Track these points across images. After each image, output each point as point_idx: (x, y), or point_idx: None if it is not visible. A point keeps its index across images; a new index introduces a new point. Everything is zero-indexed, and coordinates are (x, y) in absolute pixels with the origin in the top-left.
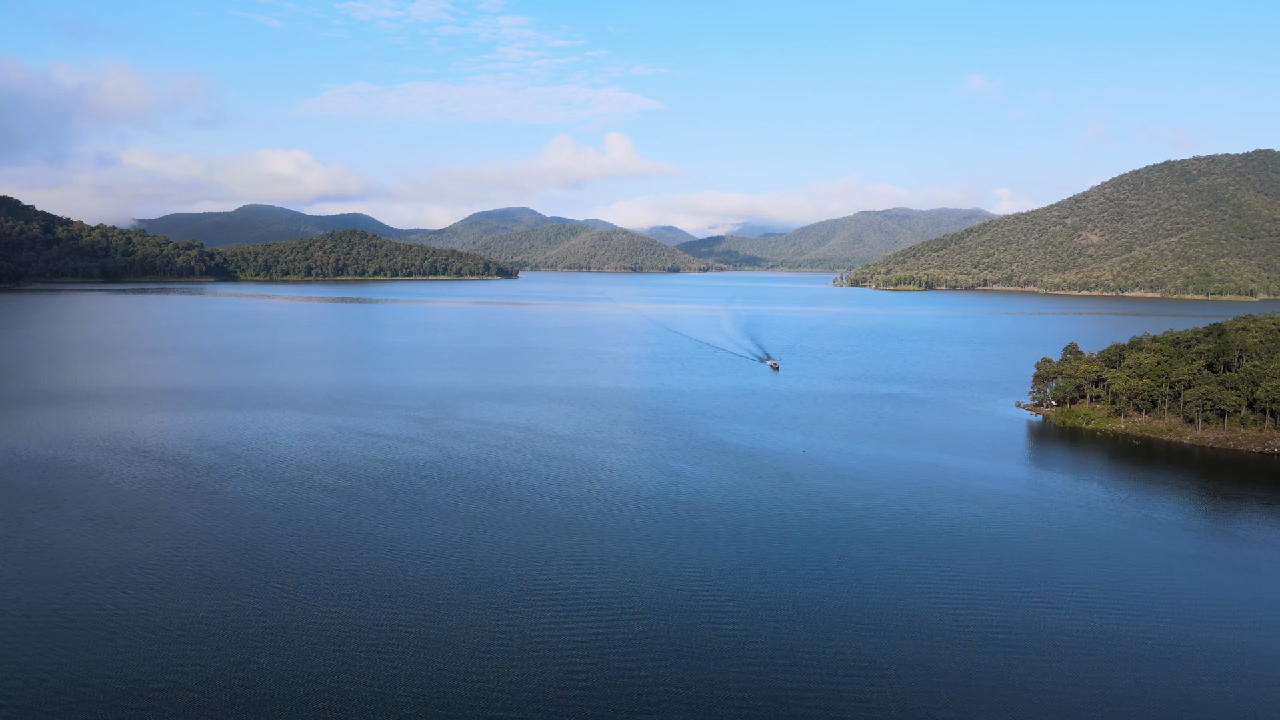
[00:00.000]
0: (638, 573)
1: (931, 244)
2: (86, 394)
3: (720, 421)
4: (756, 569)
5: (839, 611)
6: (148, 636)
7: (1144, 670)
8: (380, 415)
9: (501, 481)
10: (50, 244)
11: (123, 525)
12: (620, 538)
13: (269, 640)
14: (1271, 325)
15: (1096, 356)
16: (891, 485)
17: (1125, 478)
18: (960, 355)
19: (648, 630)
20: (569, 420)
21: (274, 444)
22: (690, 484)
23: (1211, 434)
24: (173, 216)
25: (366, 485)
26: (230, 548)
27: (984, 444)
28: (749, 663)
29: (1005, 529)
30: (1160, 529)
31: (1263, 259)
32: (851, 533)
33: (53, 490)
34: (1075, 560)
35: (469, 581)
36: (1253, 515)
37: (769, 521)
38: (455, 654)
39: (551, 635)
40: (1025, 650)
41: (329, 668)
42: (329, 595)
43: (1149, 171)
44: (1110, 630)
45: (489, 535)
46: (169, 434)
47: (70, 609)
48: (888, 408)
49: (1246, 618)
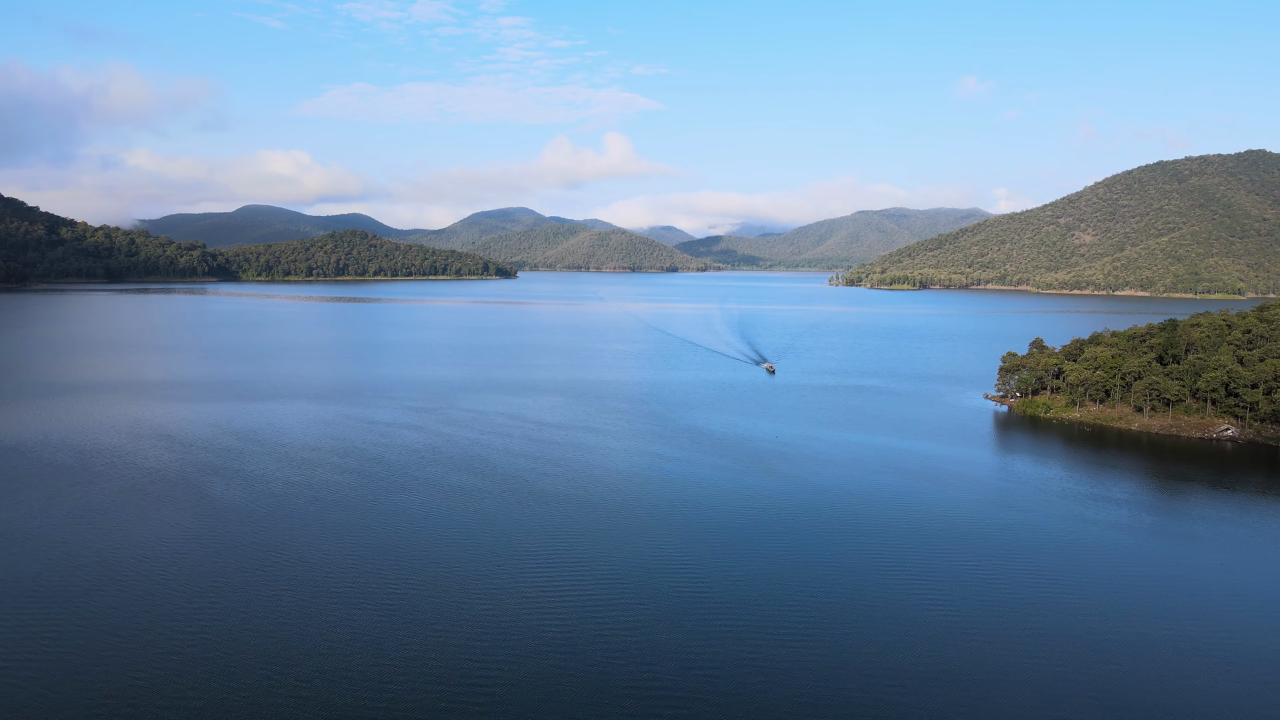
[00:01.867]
0: (616, 539)
1: (926, 244)
2: (108, 386)
3: (698, 411)
4: (724, 539)
5: (797, 578)
6: (187, 588)
7: (1093, 626)
8: (384, 405)
9: (493, 460)
10: (55, 245)
11: (154, 497)
12: (598, 509)
13: (289, 591)
14: (1220, 321)
15: (1059, 351)
16: (855, 465)
17: (1074, 460)
18: (937, 351)
19: (621, 585)
20: (558, 409)
21: (286, 429)
22: (666, 464)
23: (1157, 421)
24: (173, 217)
25: (371, 464)
26: (252, 514)
27: (947, 431)
28: (709, 624)
29: (958, 505)
30: (1104, 504)
31: (1251, 258)
32: (813, 507)
33: (89, 467)
34: (1024, 531)
35: (463, 544)
36: (1191, 493)
37: (737, 496)
38: (453, 603)
39: (539, 592)
40: (987, 611)
41: (337, 613)
42: (338, 554)
43: (1141, 171)
44: (1062, 593)
45: (481, 505)
46: (190, 421)
47: (115, 565)
48: (859, 399)
49: (1186, 578)
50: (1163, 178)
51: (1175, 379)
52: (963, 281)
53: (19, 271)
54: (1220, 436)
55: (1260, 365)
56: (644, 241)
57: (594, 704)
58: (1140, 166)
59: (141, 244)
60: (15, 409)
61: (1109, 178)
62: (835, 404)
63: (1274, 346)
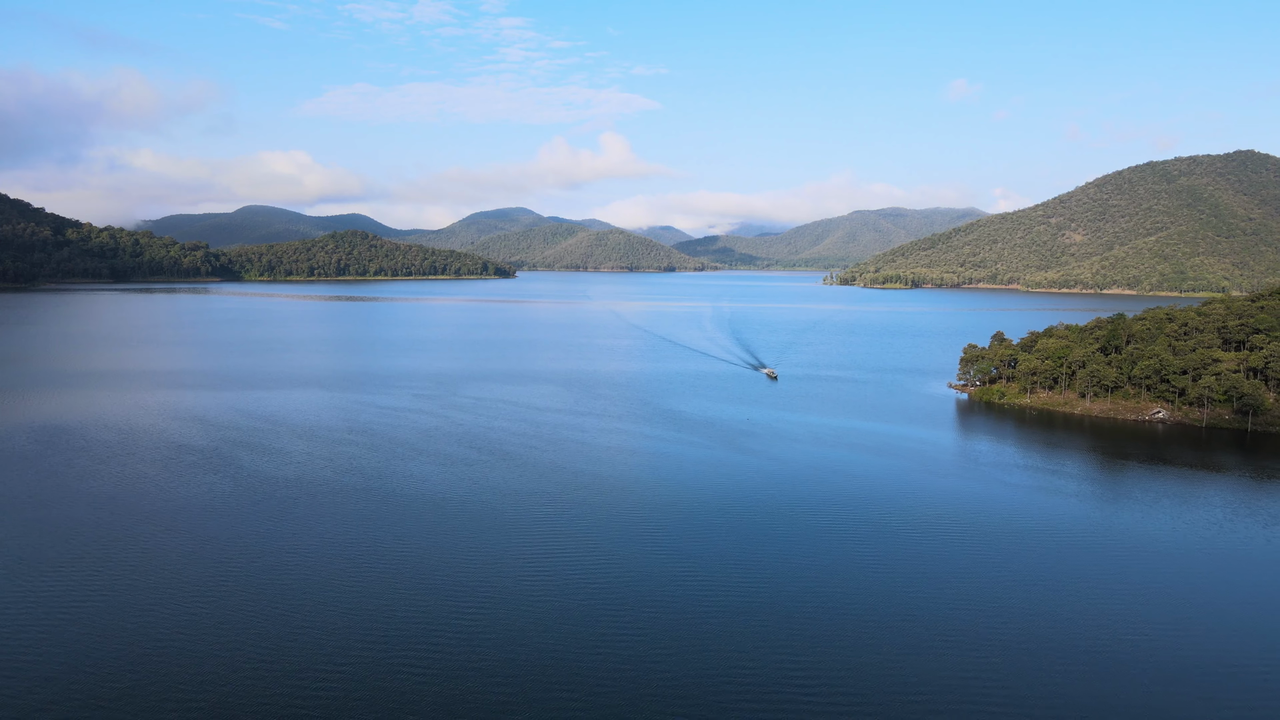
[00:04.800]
0: (598, 500)
1: (920, 243)
2: (134, 376)
3: (677, 398)
4: (694, 505)
5: (757, 537)
6: (229, 533)
7: (1028, 574)
8: (391, 392)
9: (491, 438)
10: (61, 245)
11: (191, 465)
12: (579, 478)
13: (309, 544)
14: (1162, 315)
15: (1016, 343)
16: (818, 443)
17: (1024, 440)
18: (912, 346)
19: (601, 538)
20: (548, 396)
21: (302, 411)
22: (644, 441)
23: (1097, 406)
24: (174, 217)
25: (381, 440)
26: (279, 480)
27: (907, 414)
28: (676, 573)
29: (910, 474)
30: (1039, 473)
31: (1236, 257)
32: (773, 476)
33: (129, 442)
34: (968, 497)
35: (463, 506)
36: (1129, 469)
37: (710, 468)
38: (455, 552)
39: (534, 549)
40: (936, 562)
41: (349, 561)
42: (352, 513)
43: (1131, 172)
44: (1010, 552)
45: (480, 474)
46: (214, 405)
47: (166, 518)
48: (829, 388)
49: (1124, 533)
50: (1152, 178)
51: (1114, 367)
52: (954, 280)
53: (27, 271)
54: (1152, 419)
55: (1190, 355)
56: (641, 241)
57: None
58: (1131, 167)
59: (146, 244)
60: (58, 395)
61: (1100, 178)
62: (806, 393)
63: (1205, 338)
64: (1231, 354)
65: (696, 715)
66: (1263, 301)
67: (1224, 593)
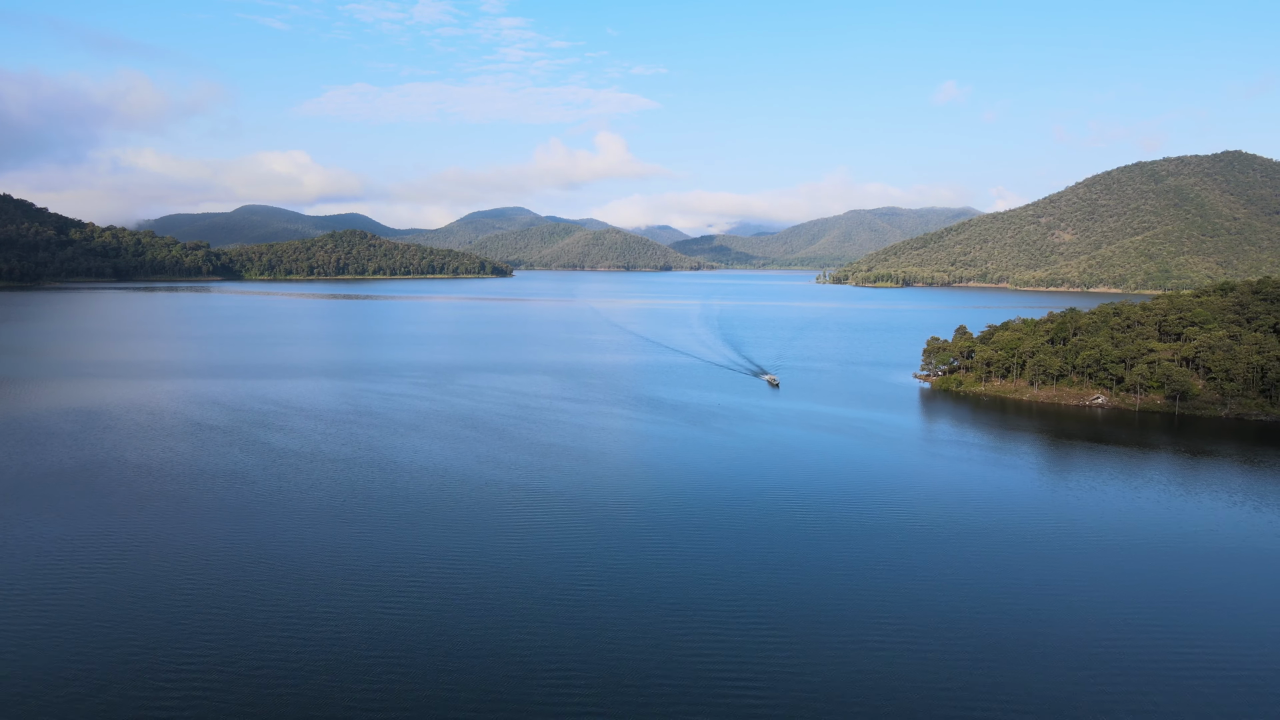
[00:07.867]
0: (583, 473)
1: (912, 242)
2: (149, 367)
3: (652, 386)
4: (672, 480)
5: (731, 508)
6: (248, 498)
7: (983, 547)
8: (393, 380)
9: (488, 421)
10: (64, 245)
11: (216, 443)
12: (568, 455)
13: (321, 514)
14: (1109, 310)
15: (976, 336)
16: (782, 423)
17: (974, 422)
18: (886, 340)
19: (585, 510)
20: (541, 384)
21: (311, 397)
22: (624, 421)
23: (1044, 393)
24: (174, 217)
25: (387, 421)
26: (297, 455)
27: (869, 400)
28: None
29: (871, 455)
30: (990, 450)
31: (1220, 256)
32: (742, 452)
33: (160, 424)
34: (920, 473)
35: (460, 481)
36: (1074, 448)
37: (682, 444)
38: (455, 522)
39: (525, 519)
40: (912, 535)
41: (355, 533)
42: (359, 485)
43: (1120, 172)
44: (970, 520)
45: (477, 449)
46: (229, 392)
47: (189, 491)
48: (802, 378)
49: (1072, 510)
50: (1141, 178)
51: (1059, 357)
52: (945, 279)
53: (32, 271)
54: (1092, 404)
55: (1129, 345)
56: (638, 241)
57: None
58: (1120, 167)
59: (148, 244)
60: (83, 383)
61: (1090, 178)
62: (781, 381)
63: (1143, 330)
64: (1167, 345)
65: (668, 686)
66: (1204, 298)
67: (1161, 556)
